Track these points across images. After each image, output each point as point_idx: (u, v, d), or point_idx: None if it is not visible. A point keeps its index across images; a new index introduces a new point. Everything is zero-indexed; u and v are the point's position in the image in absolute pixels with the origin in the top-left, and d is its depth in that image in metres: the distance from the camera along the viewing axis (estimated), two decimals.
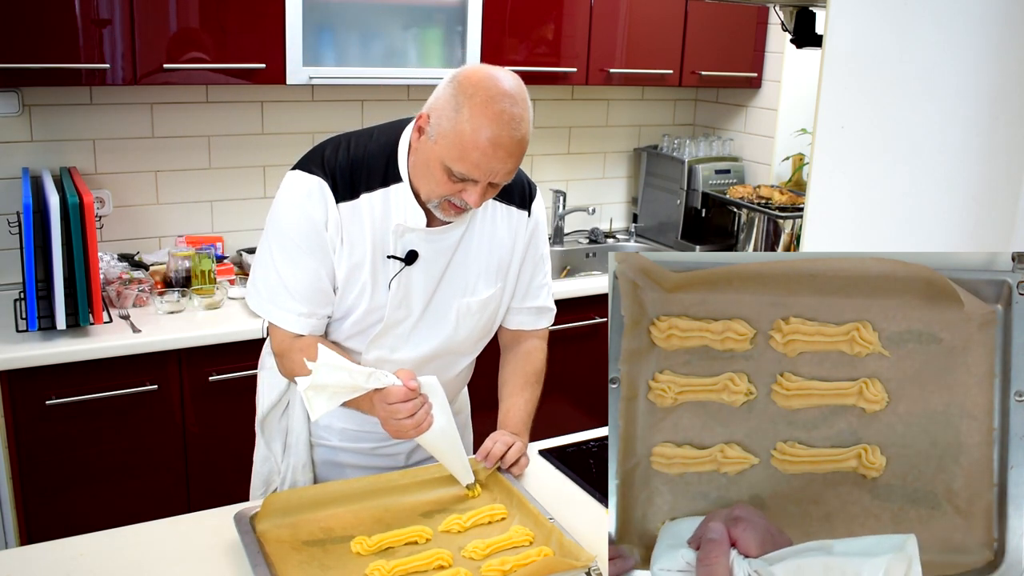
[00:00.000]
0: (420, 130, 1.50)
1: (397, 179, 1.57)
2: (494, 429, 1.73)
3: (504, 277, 1.71)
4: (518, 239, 1.71)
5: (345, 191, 1.55)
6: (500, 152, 1.43)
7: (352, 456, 1.76)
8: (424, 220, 1.58)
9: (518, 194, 1.71)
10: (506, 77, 1.46)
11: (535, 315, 1.82)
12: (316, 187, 1.54)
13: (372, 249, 1.57)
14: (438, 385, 1.50)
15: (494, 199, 1.66)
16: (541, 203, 1.78)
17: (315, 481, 1.76)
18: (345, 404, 1.46)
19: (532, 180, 1.77)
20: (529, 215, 1.73)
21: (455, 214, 1.55)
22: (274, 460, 1.77)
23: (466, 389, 1.95)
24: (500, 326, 1.82)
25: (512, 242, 1.71)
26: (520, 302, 1.79)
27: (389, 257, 1.58)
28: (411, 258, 1.58)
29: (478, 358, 1.83)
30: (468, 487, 1.59)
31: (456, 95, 1.44)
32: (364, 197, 1.56)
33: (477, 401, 2.00)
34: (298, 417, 1.74)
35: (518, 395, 1.77)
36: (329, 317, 1.64)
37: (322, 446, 1.76)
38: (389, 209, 1.57)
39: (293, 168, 1.59)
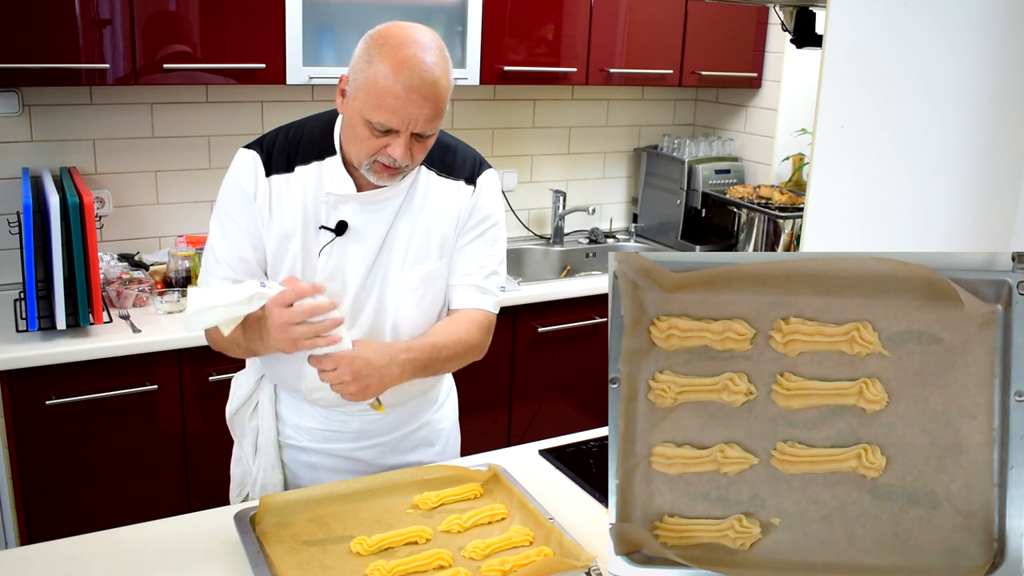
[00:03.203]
0: (343, 93, 1.54)
1: (332, 152, 1.60)
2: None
3: (449, 253, 1.69)
4: (461, 213, 1.68)
5: (280, 164, 1.60)
6: (414, 95, 1.45)
7: (325, 458, 1.73)
8: (353, 186, 1.59)
9: (467, 169, 1.69)
10: (418, 28, 1.49)
11: (475, 292, 1.70)
12: (250, 160, 1.59)
13: (303, 220, 1.59)
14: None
15: (438, 174, 1.66)
16: (494, 181, 1.72)
17: (286, 484, 1.74)
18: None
19: (487, 160, 1.73)
20: (475, 188, 1.68)
21: (388, 177, 1.55)
22: (246, 461, 1.76)
23: (455, 391, 1.91)
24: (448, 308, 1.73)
25: (456, 217, 1.68)
26: (460, 279, 1.70)
27: (321, 228, 1.60)
28: (341, 228, 1.60)
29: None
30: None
31: (368, 48, 1.48)
32: (299, 170, 1.60)
33: (470, 402, 2.00)
34: (267, 416, 1.73)
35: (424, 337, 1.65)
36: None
37: (292, 447, 1.74)
38: (323, 181, 1.60)
39: None
